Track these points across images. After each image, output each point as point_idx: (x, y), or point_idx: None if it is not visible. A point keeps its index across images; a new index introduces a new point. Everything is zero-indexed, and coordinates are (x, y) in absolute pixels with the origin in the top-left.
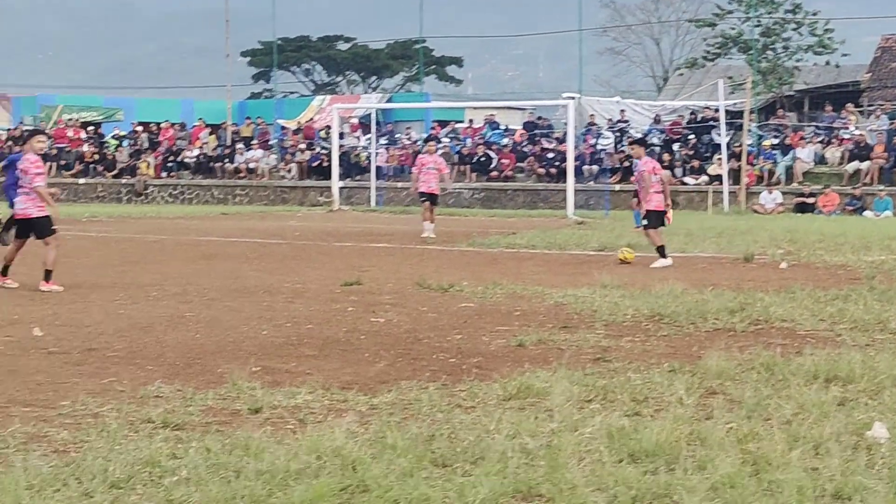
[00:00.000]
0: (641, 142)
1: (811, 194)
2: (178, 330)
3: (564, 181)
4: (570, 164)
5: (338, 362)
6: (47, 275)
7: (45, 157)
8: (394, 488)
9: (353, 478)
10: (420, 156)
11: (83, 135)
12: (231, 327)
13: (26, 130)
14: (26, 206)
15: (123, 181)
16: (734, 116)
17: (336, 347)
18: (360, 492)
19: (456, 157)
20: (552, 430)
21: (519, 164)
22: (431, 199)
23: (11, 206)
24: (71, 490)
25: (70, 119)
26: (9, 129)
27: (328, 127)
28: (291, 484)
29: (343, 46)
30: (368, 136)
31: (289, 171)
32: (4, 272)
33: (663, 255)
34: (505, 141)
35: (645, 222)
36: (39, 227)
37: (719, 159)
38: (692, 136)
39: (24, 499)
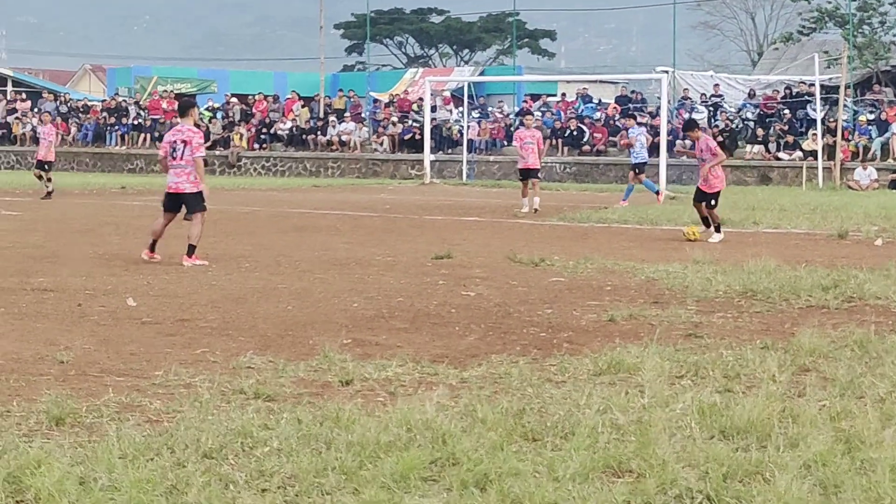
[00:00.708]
0: (693, 123)
1: None
2: (270, 301)
3: (657, 156)
4: (664, 139)
5: (428, 335)
6: (190, 249)
7: (140, 128)
8: (484, 461)
9: (442, 451)
10: (517, 131)
11: (177, 106)
12: (322, 299)
13: (184, 99)
14: (179, 181)
15: (217, 153)
16: (829, 91)
17: (427, 321)
18: (450, 465)
19: (548, 131)
20: (643, 405)
21: (611, 139)
22: (530, 175)
23: None
24: (164, 459)
25: (164, 91)
26: (104, 101)
27: (420, 100)
28: (381, 456)
29: (436, 19)
30: (460, 109)
31: (381, 143)
32: (152, 248)
33: (718, 230)
34: (597, 115)
35: (713, 202)
36: (191, 202)
37: (814, 135)
38: (787, 112)
39: (118, 468)
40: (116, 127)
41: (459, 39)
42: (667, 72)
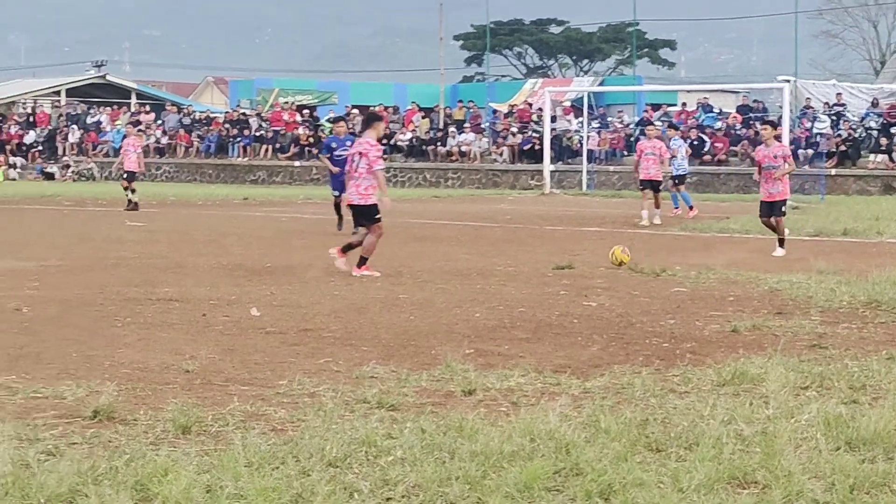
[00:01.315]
0: (773, 125)
1: None
2: (392, 311)
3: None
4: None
5: (550, 345)
6: (362, 261)
7: (262, 140)
8: (608, 472)
9: (566, 461)
10: (639, 142)
11: (298, 118)
12: (444, 309)
13: (370, 112)
14: (353, 192)
15: None
16: None
17: (548, 331)
18: (573, 475)
19: (668, 141)
20: (767, 416)
21: (732, 148)
22: (651, 186)
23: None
24: (289, 468)
25: (286, 102)
26: (226, 112)
27: (540, 110)
28: (505, 466)
29: (555, 30)
30: (580, 119)
31: (500, 154)
32: (361, 263)
33: (782, 245)
34: (718, 124)
35: (784, 210)
36: (365, 214)
37: None
38: None
39: (244, 476)
40: (238, 138)
41: (579, 50)
42: (788, 81)
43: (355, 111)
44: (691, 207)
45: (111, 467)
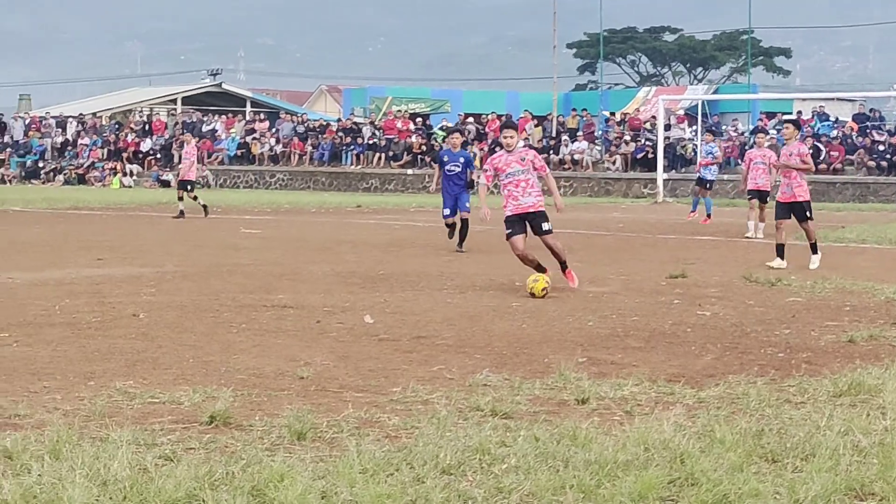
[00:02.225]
0: (795, 124)
1: None
2: (504, 319)
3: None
4: None
5: (664, 355)
6: (563, 266)
7: (375, 148)
8: (723, 482)
9: (681, 471)
10: (748, 150)
11: (411, 126)
12: (557, 318)
13: (507, 118)
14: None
15: None
16: None
17: (662, 340)
18: (688, 485)
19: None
20: (885, 427)
21: (848, 157)
22: (759, 196)
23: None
24: (403, 475)
25: (399, 110)
26: (339, 121)
27: (653, 118)
28: (619, 475)
29: (669, 38)
30: (694, 127)
31: (613, 162)
32: (564, 267)
33: (815, 250)
34: (834, 133)
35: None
36: (538, 221)
37: None
38: None
39: (359, 482)
40: (352, 147)
41: (693, 58)
42: None
43: (470, 119)
44: (709, 216)
45: (228, 472)
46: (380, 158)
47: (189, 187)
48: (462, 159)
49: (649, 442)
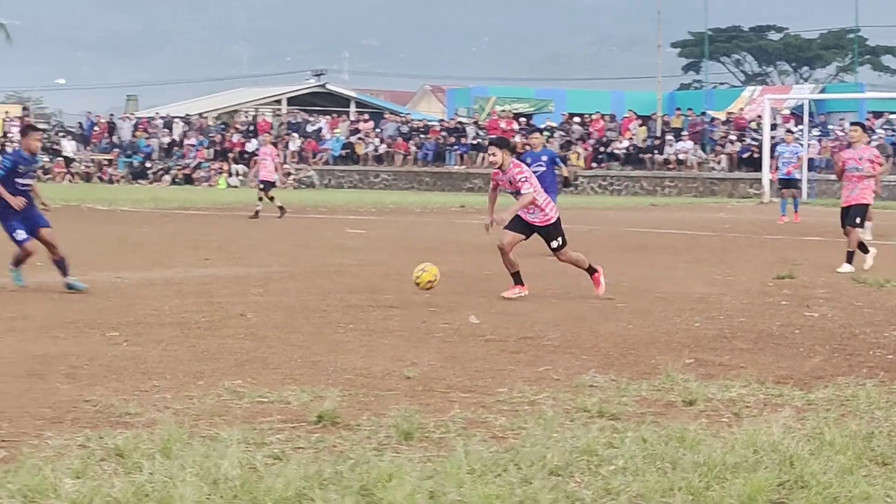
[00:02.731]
0: (863, 126)
1: None
2: (610, 320)
3: None
4: None
5: (771, 356)
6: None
7: (479, 148)
8: (833, 485)
9: (790, 473)
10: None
11: (515, 126)
12: (663, 318)
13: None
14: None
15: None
16: None
17: (769, 341)
18: (798, 487)
19: (891, 149)
20: None
21: None
22: None
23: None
24: (510, 475)
25: (502, 110)
26: (442, 121)
27: (759, 118)
28: (728, 477)
29: (774, 36)
30: (800, 127)
31: (718, 162)
32: (591, 273)
33: (850, 260)
34: None
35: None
36: (548, 238)
37: None
38: None
39: (467, 483)
40: (455, 147)
41: (798, 56)
42: None
43: (575, 119)
44: (783, 215)
45: (336, 472)
46: (483, 158)
47: (267, 187)
48: (545, 157)
49: (758, 444)
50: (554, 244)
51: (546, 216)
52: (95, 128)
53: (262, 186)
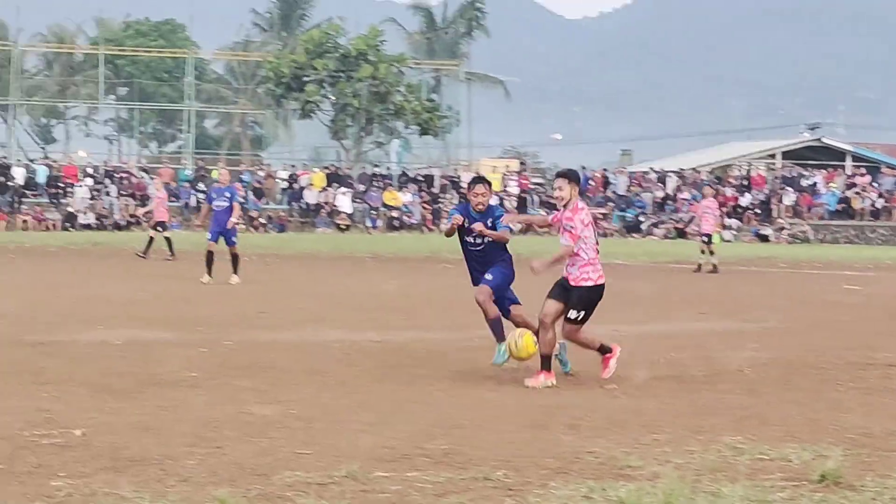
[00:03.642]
0: None
1: None
2: None
3: None
4: None
5: None
6: None
7: None
8: None
9: None
10: None
11: None
12: None
13: None
14: None
15: None
16: None
17: None
18: None
19: None
20: None
21: None
22: None
23: None
24: None
25: None
26: None
27: None
28: None
29: None
30: None
31: None
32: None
33: None
34: None
35: None
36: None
37: None
38: None
39: None
40: None
41: None
42: None
43: None
44: None
45: None
46: None
47: (709, 240)
48: None
49: None
50: (573, 314)
51: (582, 277)
52: (590, 182)
53: (705, 240)
